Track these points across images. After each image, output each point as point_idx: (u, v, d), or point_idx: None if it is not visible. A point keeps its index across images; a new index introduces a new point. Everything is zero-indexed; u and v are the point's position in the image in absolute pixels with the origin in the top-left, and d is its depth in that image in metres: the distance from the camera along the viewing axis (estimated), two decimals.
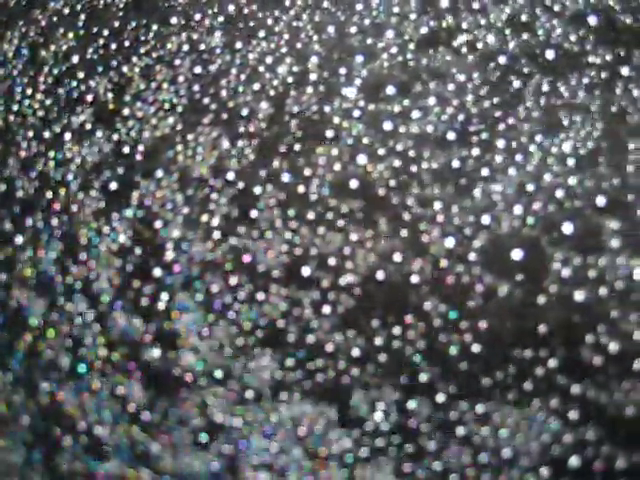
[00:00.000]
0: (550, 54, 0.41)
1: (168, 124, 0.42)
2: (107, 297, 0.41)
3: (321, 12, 0.43)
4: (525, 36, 0.41)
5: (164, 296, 0.40)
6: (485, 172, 0.39)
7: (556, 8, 0.42)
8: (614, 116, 0.39)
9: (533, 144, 0.39)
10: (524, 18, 0.42)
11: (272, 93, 0.41)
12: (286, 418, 0.39)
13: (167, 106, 0.43)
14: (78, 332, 0.42)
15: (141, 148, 0.42)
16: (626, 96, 0.40)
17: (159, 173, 0.42)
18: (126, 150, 0.42)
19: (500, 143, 0.39)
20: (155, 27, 0.44)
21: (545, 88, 0.40)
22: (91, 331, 0.41)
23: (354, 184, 0.39)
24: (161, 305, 0.40)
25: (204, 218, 0.41)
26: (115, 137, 0.43)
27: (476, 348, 0.37)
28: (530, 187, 0.38)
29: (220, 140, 0.41)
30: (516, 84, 0.40)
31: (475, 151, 0.39)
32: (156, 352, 0.40)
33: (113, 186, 0.42)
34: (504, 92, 0.40)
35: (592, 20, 0.42)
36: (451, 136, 0.39)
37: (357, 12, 0.42)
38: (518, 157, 0.39)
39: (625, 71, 0.40)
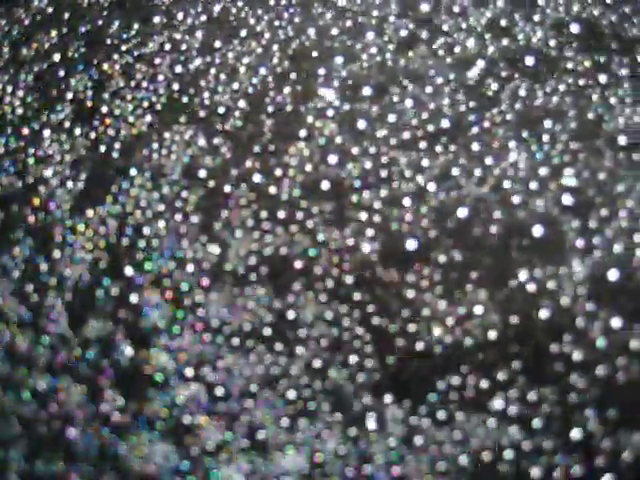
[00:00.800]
0: (530, 60, 0.41)
1: (145, 122, 0.42)
2: (78, 294, 0.41)
3: (302, 12, 0.43)
4: (505, 41, 0.41)
5: (134, 296, 0.40)
6: (456, 172, 0.39)
7: (537, 16, 0.42)
8: (590, 123, 0.39)
9: (508, 147, 0.39)
10: (504, 23, 0.41)
11: (250, 91, 0.42)
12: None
13: (145, 104, 0.43)
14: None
15: (117, 146, 0.42)
16: (603, 103, 0.39)
17: (134, 171, 0.42)
18: (103, 148, 0.43)
19: (475, 146, 0.39)
20: (137, 26, 0.45)
21: (522, 93, 0.40)
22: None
23: (325, 185, 0.39)
24: (133, 302, 0.40)
25: (177, 217, 0.41)
26: (93, 135, 0.43)
27: None
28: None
29: (196, 138, 0.41)
30: (494, 87, 0.40)
31: (449, 153, 0.39)
32: (128, 350, 0.40)
33: (90, 183, 0.42)
34: (481, 96, 0.40)
35: (574, 28, 0.41)
36: (425, 138, 0.39)
37: (338, 13, 0.42)
38: (489, 160, 0.39)
39: (603, 79, 0.40)
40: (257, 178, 0.40)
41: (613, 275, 0.36)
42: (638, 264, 0.36)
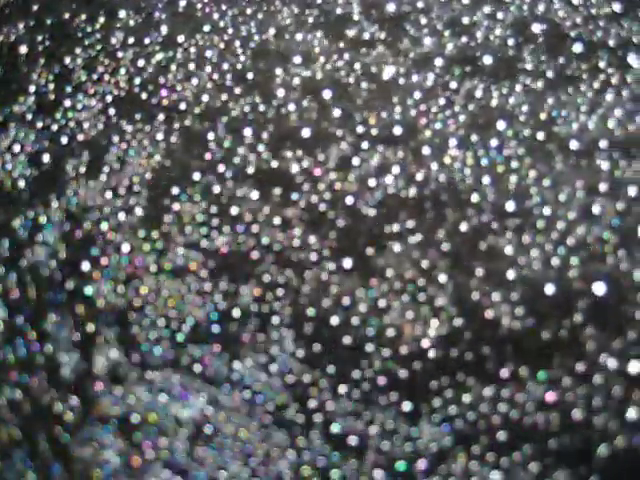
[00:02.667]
0: (488, 59, 0.41)
1: (106, 116, 0.43)
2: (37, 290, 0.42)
3: (266, 10, 0.43)
4: (464, 39, 0.41)
5: (89, 289, 0.41)
6: (396, 171, 0.39)
7: (500, 15, 0.41)
8: (542, 124, 0.39)
9: (460, 147, 0.39)
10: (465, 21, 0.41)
11: (210, 87, 0.42)
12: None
13: (108, 98, 0.43)
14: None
15: (80, 138, 0.43)
16: (557, 105, 0.39)
17: (95, 164, 0.42)
18: (64, 140, 0.43)
19: (425, 150, 0.39)
20: (102, 20, 0.45)
21: (478, 94, 0.40)
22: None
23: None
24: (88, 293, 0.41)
25: (135, 212, 0.41)
26: (55, 127, 0.43)
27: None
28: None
29: (154, 134, 0.42)
30: (452, 86, 0.40)
31: (400, 154, 0.39)
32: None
33: (50, 176, 0.43)
34: (437, 96, 0.40)
35: (535, 28, 0.41)
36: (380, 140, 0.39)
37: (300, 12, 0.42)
38: (447, 160, 0.39)
39: (560, 82, 0.40)
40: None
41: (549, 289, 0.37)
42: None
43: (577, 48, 0.40)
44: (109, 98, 0.43)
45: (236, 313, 0.39)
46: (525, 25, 0.41)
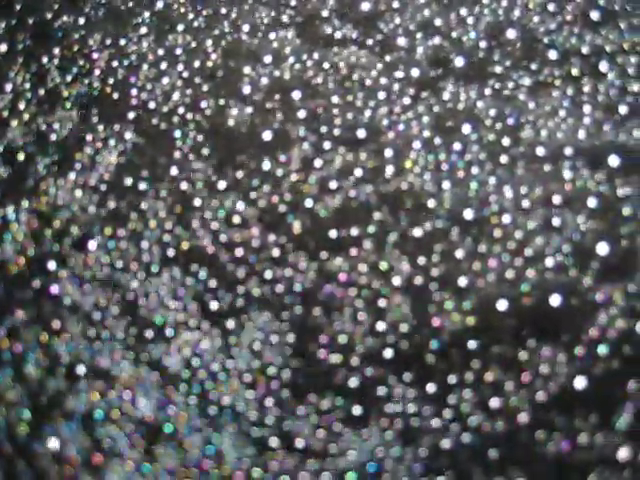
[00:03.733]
0: (460, 61, 0.40)
1: (78, 115, 0.43)
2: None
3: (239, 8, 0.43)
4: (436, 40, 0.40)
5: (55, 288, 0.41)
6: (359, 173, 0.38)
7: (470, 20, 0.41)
8: (509, 129, 0.38)
9: (422, 151, 0.38)
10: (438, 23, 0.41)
11: (179, 85, 0.42)
12: None
13: (82, 100, 0.43)
14: None
15: (53, 138, 0.43)
16: (525, 109, 0.38)
17: (66, 165, 0.42)
18: (37, 139, 0.43)
19: (388, 152, 0.38)
20: (82, 20, 0.45)
21: (446, 96, 0.39)
22: None
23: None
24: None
25: (102, 211, 0.41)
26: (30, 126, 0.44)
27: None
28: None
29: (124, 133, 0.42)
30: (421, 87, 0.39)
31: (363, 156, 0.39)
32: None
33: (22, 175, 0.43)
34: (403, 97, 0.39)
35: (510, 34, 0.40)
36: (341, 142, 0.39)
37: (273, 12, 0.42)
38: (408, 164, 0.38)
39: (527, 81, 0.39)
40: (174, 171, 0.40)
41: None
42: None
43: (552, 55, 0.39)
44: (83, 99, 0.43)
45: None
46: (499, 30, 0.40)
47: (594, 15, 0.40)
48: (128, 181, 0.41)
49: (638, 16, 0.39)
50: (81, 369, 0.40)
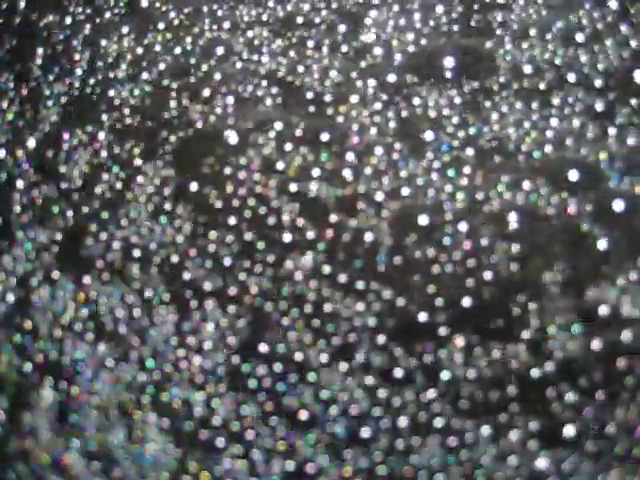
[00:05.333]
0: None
1: (58, 115, 0.43)
2: None
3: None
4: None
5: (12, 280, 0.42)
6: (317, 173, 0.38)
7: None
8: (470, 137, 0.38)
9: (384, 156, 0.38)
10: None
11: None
12: None
13: (62, 100, 0.44)
14: None
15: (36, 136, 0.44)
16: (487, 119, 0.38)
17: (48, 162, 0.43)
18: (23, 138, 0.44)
19: (350, 156, 0.38)
20: (69, 20, 0.46)
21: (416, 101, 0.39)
22: None
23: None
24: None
25: (82, 210, 0.42)
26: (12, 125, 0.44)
27: None
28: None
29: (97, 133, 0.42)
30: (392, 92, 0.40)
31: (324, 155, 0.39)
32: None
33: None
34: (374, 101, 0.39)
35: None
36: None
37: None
38: (367, 170, 0.38)
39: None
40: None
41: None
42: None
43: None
44: (63, 98, 0.44)
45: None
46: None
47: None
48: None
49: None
50: None
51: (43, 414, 0.40)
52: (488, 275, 0.35)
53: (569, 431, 0.34)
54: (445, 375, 0.35)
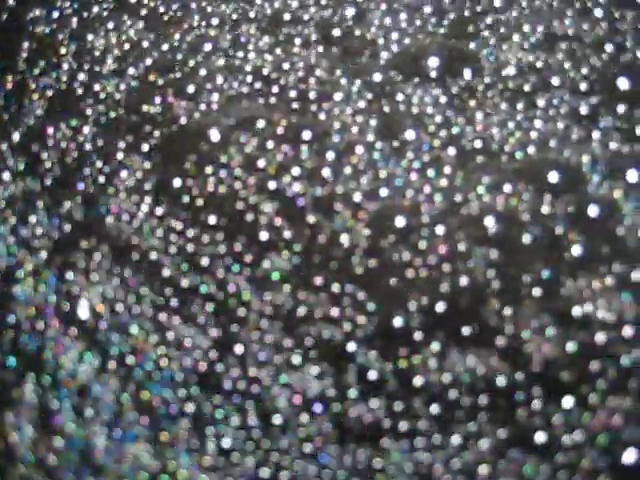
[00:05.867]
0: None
1: (43, 109, 0.43)
2: None
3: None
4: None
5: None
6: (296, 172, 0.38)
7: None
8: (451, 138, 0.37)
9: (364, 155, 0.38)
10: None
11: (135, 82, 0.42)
12: None
13: (48, 93, 0.44)
14: None
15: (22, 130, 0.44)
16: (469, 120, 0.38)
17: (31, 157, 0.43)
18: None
19: (330, 155, 0.38)
20: (56, 14, 0.46)
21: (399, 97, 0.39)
22: None
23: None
24: None
25: (65, 205, 0.42)
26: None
27: None
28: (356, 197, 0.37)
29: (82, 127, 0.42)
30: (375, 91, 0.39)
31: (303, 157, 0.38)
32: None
33: None
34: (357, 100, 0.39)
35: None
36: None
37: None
38: (347, 170, 0.38)
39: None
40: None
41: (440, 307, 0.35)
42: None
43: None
44: (48, 92, 0.44)
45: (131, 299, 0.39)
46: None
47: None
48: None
49: None
50: None
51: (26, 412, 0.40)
52: (464, 280, 0.35)
53: (540, 438, 0.33)
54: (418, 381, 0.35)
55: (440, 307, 0.35)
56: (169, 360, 0.38)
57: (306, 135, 0.39)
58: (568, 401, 0.33)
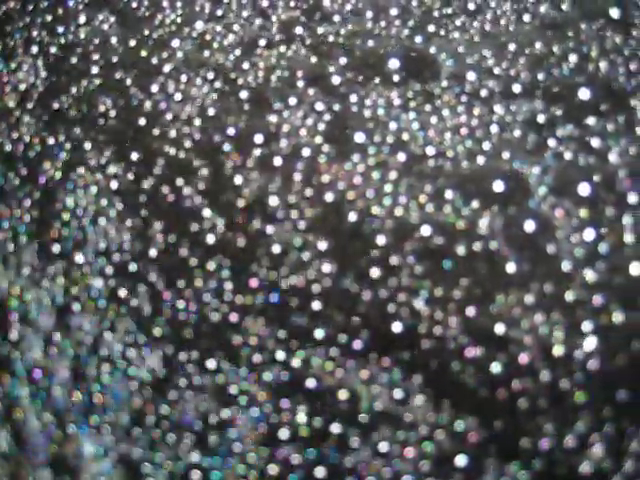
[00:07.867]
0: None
1: (24, 105, 0.44)
2: None
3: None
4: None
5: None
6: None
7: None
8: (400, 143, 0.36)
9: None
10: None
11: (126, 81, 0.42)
12: None
13: (22, 87, 0.44)
14: None
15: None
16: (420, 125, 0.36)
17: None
18: None
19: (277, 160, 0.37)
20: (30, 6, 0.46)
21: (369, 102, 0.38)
22: None
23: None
24: None
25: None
26: None
27: None
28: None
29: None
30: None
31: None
32: None
33: None
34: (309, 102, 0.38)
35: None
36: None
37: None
38: (300, 165, 0.37)
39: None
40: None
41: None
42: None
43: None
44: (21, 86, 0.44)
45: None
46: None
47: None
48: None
49: None
50: None
51: None
52: (402, 297, 0.34)
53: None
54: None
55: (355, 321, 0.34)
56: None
57: (258, 139, 0.38)
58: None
